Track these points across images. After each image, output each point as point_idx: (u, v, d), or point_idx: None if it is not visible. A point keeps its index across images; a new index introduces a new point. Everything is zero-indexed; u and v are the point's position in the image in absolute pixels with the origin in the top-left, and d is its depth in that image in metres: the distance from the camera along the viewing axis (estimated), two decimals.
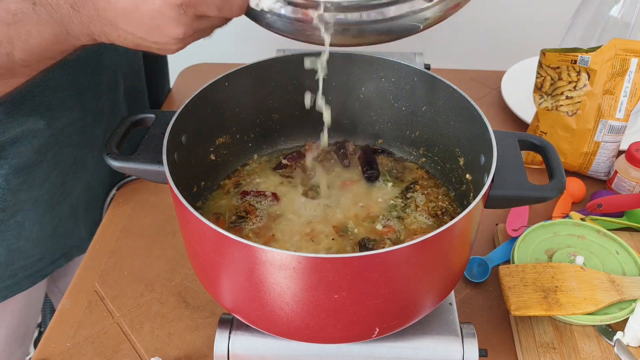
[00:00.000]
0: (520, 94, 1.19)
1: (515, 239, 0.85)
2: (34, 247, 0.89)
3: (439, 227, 0.55)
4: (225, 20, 0.57)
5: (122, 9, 0.53)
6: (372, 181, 0.77)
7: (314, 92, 0.70)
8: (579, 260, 0.79)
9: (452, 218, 0.54)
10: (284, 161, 0.81)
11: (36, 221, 0.87)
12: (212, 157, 0.76)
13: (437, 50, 1.29)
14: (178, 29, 0.53)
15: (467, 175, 0.72)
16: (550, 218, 0.91)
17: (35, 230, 0.88)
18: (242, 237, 0.52)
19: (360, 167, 0.79)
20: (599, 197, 0.92)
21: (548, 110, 1.00)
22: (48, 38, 0.57)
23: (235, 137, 0.79)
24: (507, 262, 0.84)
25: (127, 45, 0.58)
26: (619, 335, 0.73)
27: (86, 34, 0.57)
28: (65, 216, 0.92)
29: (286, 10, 0.54)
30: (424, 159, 0.80)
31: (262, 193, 0.75)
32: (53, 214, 0.90)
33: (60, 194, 0.89)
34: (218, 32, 0.61)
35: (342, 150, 0.81)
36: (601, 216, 0.90)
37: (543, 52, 0.98)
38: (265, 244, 0.66)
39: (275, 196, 0.75)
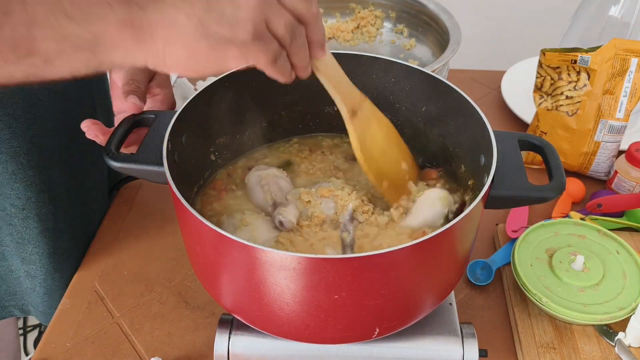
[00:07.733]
0: (520, 94, 1.19)
1: (515, 239, 0.85)
2: None
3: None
4: None
5: None
6: None
7: (314, 90, 0.68)
8: (580, 259, 0.79)
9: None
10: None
11: None
12: (212, 157, 0.76)
13: None
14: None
15: (467, 176, 0.72)
16: (550, 218, 0.91)
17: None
18: None
19: None
20: (599, 197, 0.92)
21: (548, 110, 1.00)
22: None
23: (235, 137, 0.79)
24: (510, 264, 0.84)
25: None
26: (620, 335, 0.73)
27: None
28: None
29: None
30: (422, 159, 0.80)
31: None
32: None
33: None
34: None
35: None
36: (601, 216, 0.90)
37: (543, 52, 0.98)
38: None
39: None
